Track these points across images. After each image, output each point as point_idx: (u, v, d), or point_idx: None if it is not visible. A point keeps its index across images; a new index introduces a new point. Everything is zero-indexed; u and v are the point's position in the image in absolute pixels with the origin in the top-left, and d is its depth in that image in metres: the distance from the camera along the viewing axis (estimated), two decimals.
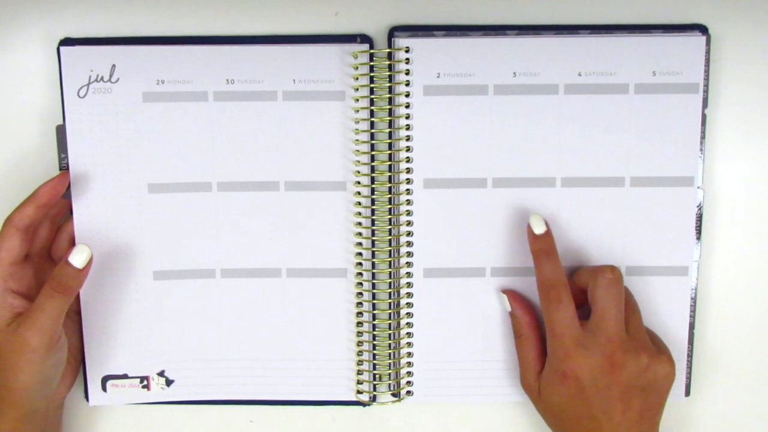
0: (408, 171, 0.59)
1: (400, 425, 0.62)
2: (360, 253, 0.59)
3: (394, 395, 0.61)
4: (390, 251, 0.59)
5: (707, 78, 0.58)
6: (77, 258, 0.55)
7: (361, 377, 0.61)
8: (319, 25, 0.58)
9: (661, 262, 0.59)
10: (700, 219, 0.59)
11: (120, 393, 0.61)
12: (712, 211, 0.60)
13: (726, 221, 0.60)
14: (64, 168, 0.58)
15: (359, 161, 0.58)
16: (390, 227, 0.59)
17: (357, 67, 0.58)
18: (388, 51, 0.57)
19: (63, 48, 0.57)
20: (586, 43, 0.58)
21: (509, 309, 0.59)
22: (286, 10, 0.58)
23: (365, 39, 0.58)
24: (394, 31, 0.58)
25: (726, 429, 0.62)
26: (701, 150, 0.58)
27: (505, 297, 0.59)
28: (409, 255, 0.59)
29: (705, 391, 0.62)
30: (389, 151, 0.58)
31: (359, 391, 0.61)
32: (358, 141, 0.58)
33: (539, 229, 0.57)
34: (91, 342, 0.60)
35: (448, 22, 0.58)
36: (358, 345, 0.60)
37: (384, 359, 0.60)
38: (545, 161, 0.59)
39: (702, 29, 0.58)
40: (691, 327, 0.60)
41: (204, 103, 0.58)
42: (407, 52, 0.58)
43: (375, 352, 0.60)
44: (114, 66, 0.57)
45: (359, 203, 0.59)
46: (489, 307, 0.60)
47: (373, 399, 0.61)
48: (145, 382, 0.61)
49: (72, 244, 0.59)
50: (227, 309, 0.60)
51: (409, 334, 0.60)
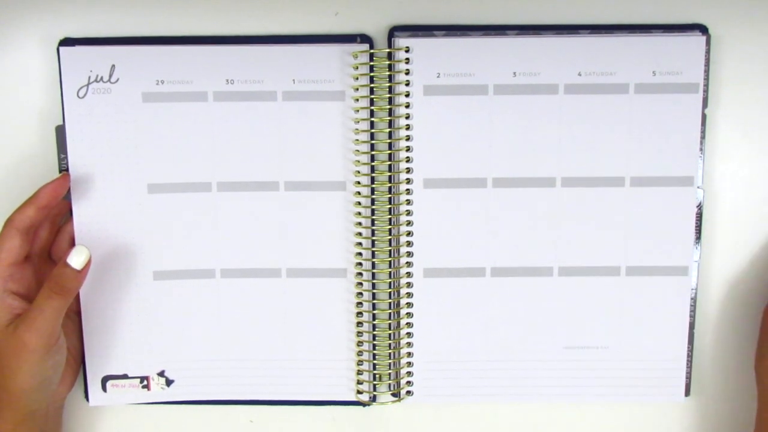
0: (408, 171, 0.59)
1: (400, 425, 0.62)
2: (360, 253, 0.59)
3: (394, 395, 0.61)
4: (390, 251, 0.59)
5: (707, 78, 0.58)
6: (76, 259, 0.55)
7: (361, 377, 0.61)
8: (319, 25, 0.58)
9: (661, 262, 0.59)
10: (700, 219, 0.59)
11: (120, 393, 0.61)
12: (712, 211, 0.60)
13: (726, 221, 0.60)
14: (63, 168, 0.58)
15: (359, 161, 0.58)
16: (390, 227, 0.59)
17: (357, 67, 0.58)
18: (388, 51, 0.57)
19: (62, 48, 0.57)
20: (586, 43, 0.58)
21: None
22: (286, 10, 0.58)
23: (365, 39, 0.58)
24: (394, 31, 0.58)
25: (726, 429, 0.62)
26: (701, 150, 0.58)
27: None
28: (409, 255, 0.59)
29: (705, 391, 0.62)
30: (389, 151, 0.58)
31: (359, 391, 0.61)
32: (358, 141, 0.58)
33: None
34: (91, 342, 0.60)
35: (448, 22, 0.58)
36: (358, 345, 0.60)
37: (384, 359, 0.60)
38: (545, 161, 0.59)
39: (702, 29, 0.58)
40: (691, 327, 0.60)
41: (204, 104, 0.58)
42: (407, 52, 0.57)
43: (375, 352, 0.60)
44: (114, 66, 0.57)
45: (359, 203, 0.59)
46: (489, 307, 0.60)
47: (373, 399, 0.61)
48: (145, 382, 0.61)
49: (72, 244, 0.59)
50: (227, 309, 0.60)
51: (409, 334, 0.60)
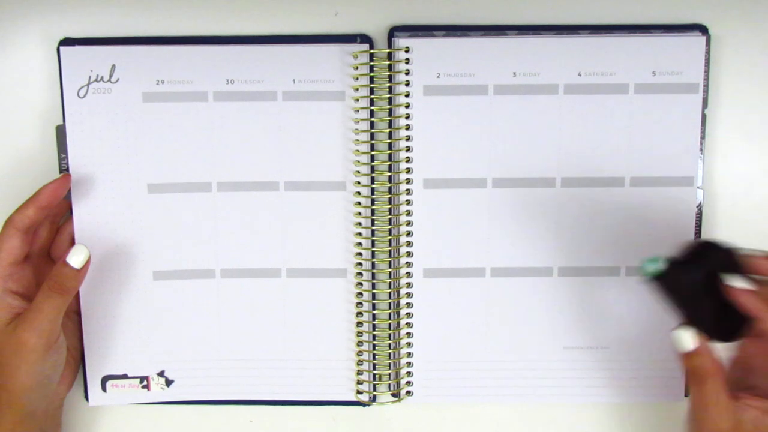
0: (408, 171, 0.59)
1: (400, 425, 0.62)
2: (360, 253, 0.59)
3: (394, 395, 0.61)
4: (390, 251, 0.59)
5: (707, 78, 0.58)
6: (75, 258, 0.54)
7: (361, 377, 0.61)
8: (319, 25, 0.58)
9: None
10: (700, 219, 0.59)
11: (120, 393, 0.61)
12: (712, 211, 0.60)
13: (726, 221, 0.60)
14: (64, 168, 0.58)
15: (359, 161, 0.58)
16: (390, 227, 0.59)
17: (357, 67, 0.58)
18: (388, 51, 0.57)
19: (63, 48, 0.57)
20: (586, 43, 0.58)
21: (691, 348, 0.50)
22: (286, 10, 0.58)
23: (365, 39, 0.58)
24: (394, 31, 0.58)
25: None
26: (701, 150, 0.58)
27: (689, 334, 0.50)
28: (409, 255, 0.59)
29: None
30: (389, 151, 0.58)
31: (359, 391, 0.61)
32: (358, 141, 0.58)
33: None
34: (91, 342, 0.60)
35: (448, 22, 0.58)
36: (358, 345, 0.60)
37: (384, 359, 0.60)
38: (545, 161, 0.59)
39: (702, 29, 0.58)
40: None
41: (204, 103, 0.58)
42: (407, 52, 0.58)
43: (375, 352, 0.60)
44: (114, 66, 0.57)
45: (359, 203, 0.59)
46: (489, 307, 0.60)
47: (373, 399, 0.61)
48: (145, 382, 0.61)
49: (72, 244, 0.59)
50: (227, 309, 0.60)
51: (409, 334, 0.60)
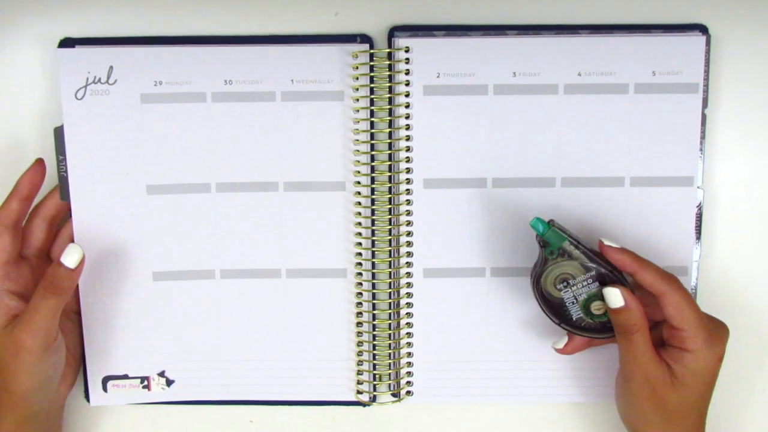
0: (408, 171, 0.59)
1: (400, 425, 0.62)
2: (360, 253, 0.59)
3: (394, 395, 0.61)
4: (390, 251, 0.59)
5: (707, 78, 0.58)
6: (69, 258, 0.54)
7: (361, 377, 0.61)
8: (319, 25, 0.58)
9: (661, 262, 0.59)
10: (700, 219, 0.59)
11: (120, 393, 0.61)
12: (712, 211, 0.60)
13: (726, 221, 0.60)
14: (62, 171, 0.58)
15: (359, 161, 0.58)
16: (390, 227, 0.59)
17: (357, 67, 0.57)
18: (388, 51, 0.57)
19: (60, 50, 0.57)
20: (585, 43, 0.57)
21: (620, 304, 0.52)
22: (286, 10, 0.58)
23: (365, 39, 0.58)
24: (394, 31, 0.58)
25: (726, 428, 0.62)
26: (701, 150, 0.58)
27: (618, 291, 0.52)
28: (409, 255, 0.59)
29: None
30: (389, 151, 0.58)
31: (359, 391, 0.61)
32: (357, 141, 0.58)
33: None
34: (92, 342, 0.60)
35: (448, 22, 0.58)
36: (358, 345, 0.60)
37: (384, 359, 0.60)
38: (545, 161, 0.59)
39: (702, 29, 0.58)
40: None
41: (202, 104, 0.58)
42: (407, 52, 0.57)
43: (375, 352, 0.60)
44: (111, 67, 0.57)
45: (359, 203, 0.59)
46: (489, 307, 0.60)
47: (373, 399, 0.61)
48: (146, 382, 0.61)
49: None
50: (227, 310, 0.60)
51: (409, 334, 0.60)
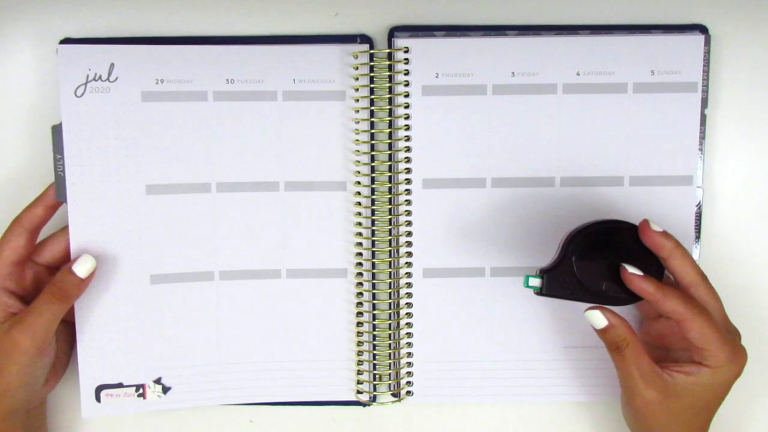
0: (407, 171, 0.59)
1: (400, 425, 0.62)
2: (360, 253, 0.59)
3: (394, 395, 0.61)
4: (390, 251, 0.59)
5: (707, 77, 0.58)
6: (81, 268, 0.55)
7: (361, 377, 0.61)
8: (319, 25, 0.58)
9: None
10: (699, 218, 0.59)
11: (115, 403, 0.59)
12: (711, 211, 0.60)
13: (726, 221, 0.60)
14: (59, 169, 0.57)
15: (359, 161, 0.58)
16: (390, 227, 0.59)
17: (357, 67, 0.57)
18: (388, 51, 0.57)
19: (60, 46, 0.57)
20: (584, 43, 0.58)
21: (604, 324, 0.52)
22: (286, 10, 0.58)
23: (365, 39, 0.58)
24: (394, 31, 0.58)
25: (726, 428, 0.62)
26: (701, 149, 0.58)
27: (599, 312, 0.52)
28: (409, 255, 0.59)
29: None
30: (389, 151, 0.58)
31: (359, 391, 0.61)
32: (358, 141, 0.58)
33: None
34: (85, 350, 0.59)
35: (448, 22, 0.58)
36: (358, 345, 0.60)
37: (384, 359, 0.60)
38: (544, 161, 0.59)
39: (702, 29, 0.58)
40: None
41: (204, 103, 0.58)
42: (406, 52, 0.57)
43: (375, 352, 0.60)
44: (113, 65, 0.57)
45: (359, 203, 0.59)
46: (489, 307, 0.60)
47: (373, 399, 0.61)
48: (141, 390, 0.60)
49: (68, 246, 0.58)
50: (226, 312, 0.60)
51: (409, 334, 0.60)
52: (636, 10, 0.58)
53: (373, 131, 0.58)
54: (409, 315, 0.60)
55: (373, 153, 0.58)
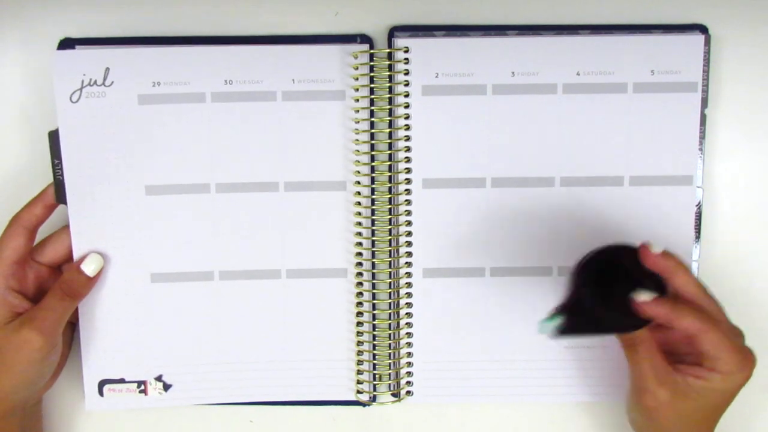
0: (407, 171, 0.59)
1: (400, 425, 0.62)
2: (360, 253, 0.59)
3: (394, 395, 0.61)
4: (390, 251, 0.59)
5: (707, 77, 0.58)
6: (88, 267, 0.56)
7: (361, 377, 0.61)
8: (319, 25, 0.58)
9: None
10: (699, 218, 0.59)
11: (117, 398, 0.60)
12: (711, 211, 0.60)
13: (725, 221, 0.60)
14: (58, 174, 0.57)
15: (359, 161, 0.58)
16: (390, 227, 0.59)
17: (357, 67, 0.57)
18: (387, 51, 0.57)
19: (55, 53, 0.57)
20: (584, 43, 0.58)
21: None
22: (286, 10, 0.58)
23: (365, 39, 0.58)
24: (394, 31, 0.58)
25: (725, 426, 0.62)
26: (701, 149, 0.58)
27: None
28: (409, 255, 0.59)
29: None
30: (389, 151, 0.58)
31: (359, 391, 0.61)
32: (358, 141, 0.58)
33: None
34: (89, 346, 0.59)
35: (448, 22, 0.58)
36: (358, 345, 0.60)
37: (384, 359, 0.60)
38: (544, 161, 0.59)
39: (702, 29, 0.58)
40: None
41: (202, 104, 0.57)
42: (406, 52, 0.57)
43: (375, 352, 0.60)
44: (108, 69, 0.56)
45: (359, 203, 0.59)
46: (489, 307, 0.60)
47: (373, 399, 0.61)
48: (143, 386, 0.60)
49: (69, 247, 0.58)
50: (226, 311, 0.60)
51: (409, 334, 0.60)
52: (636, 10, 0.58)
53: (373, 131, 0.58)
54: (409, 315, 0.60)
55: (373, 153, 0.58)
